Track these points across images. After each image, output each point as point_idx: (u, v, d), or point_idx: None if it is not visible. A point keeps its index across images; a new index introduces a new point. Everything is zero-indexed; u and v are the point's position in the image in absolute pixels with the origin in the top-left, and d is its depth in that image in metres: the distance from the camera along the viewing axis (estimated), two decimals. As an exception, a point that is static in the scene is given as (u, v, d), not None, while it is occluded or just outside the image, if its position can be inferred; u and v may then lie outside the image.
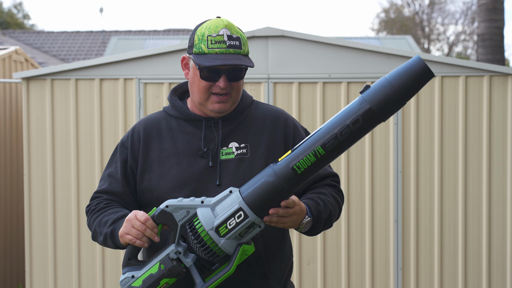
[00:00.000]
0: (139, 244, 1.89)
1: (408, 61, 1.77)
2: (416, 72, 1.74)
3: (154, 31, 16.87)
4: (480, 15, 9.40)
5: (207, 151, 2.04)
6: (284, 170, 1.80)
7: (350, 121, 1.76)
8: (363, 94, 1.77)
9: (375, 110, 1.75)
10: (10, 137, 6.22)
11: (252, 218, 1.81)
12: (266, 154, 2.06)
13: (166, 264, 1.85)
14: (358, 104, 1.77)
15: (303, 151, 1.79)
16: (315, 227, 2.02)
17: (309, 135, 1.84)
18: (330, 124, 1.79)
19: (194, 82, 2.05)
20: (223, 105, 2.04)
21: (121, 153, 2.13)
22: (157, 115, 2.16)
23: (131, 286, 1.87)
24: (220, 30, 2.00)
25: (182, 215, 1.86)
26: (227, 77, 2.01)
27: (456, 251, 4.85)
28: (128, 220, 1.90)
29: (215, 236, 1.81)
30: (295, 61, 4.80)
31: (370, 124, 1.77)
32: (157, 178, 2.05)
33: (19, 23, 27.05)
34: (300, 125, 2.19)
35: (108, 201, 2.10)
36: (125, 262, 1.91)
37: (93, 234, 2.08)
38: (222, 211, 1.83)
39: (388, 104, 1.75)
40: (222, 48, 1.98)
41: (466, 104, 4.85)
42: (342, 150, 1.80)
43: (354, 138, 1.79)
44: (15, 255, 6.24)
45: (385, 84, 1.75)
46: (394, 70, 1.77)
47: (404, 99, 1.76)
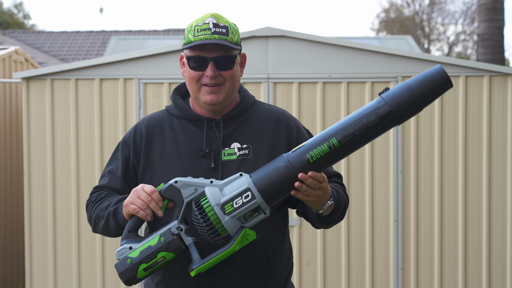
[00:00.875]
0: (142, 215, 1.88)
1: (430, 69, 1.82)
2: (438, 80, 1.80)
3: (154, 31, 16.87)
4: (480, 15, 9.40)
5: (209, 152, 2.04)
6: (297, 158, 1.83)
7: (366, 118, 1.81)
8: (383, 95, 1.82)
9: (393, 111, 1.79)
10: (10, 137, 6.22)
11: (259, 201, 1.81)
12: (268, 155, 2.05)
13: (166, 237, 1.85)
14: (376, 103, 1.82)
15: (318, 142, 1.83)
16: (332, 215, 2.02)
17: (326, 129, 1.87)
18: (347, 119, 1.83)
19: (186, 76, 2.06)
20: (214, 96, 2.02)
21: (122, 150, 2.13)
22: (159, 114, 2.16)
23: (127, 256, 1.85)
24: (206, 19, 2.01)
25: (189, 192, 1.86)
26: (215, 65, 2.00)
27: (456, 251, 4.85)
28: (135, 190, 1.91)
29: (220, 212, 1.81)
30: (295, 61, 4.80)
31: (386, 125, 1.82)
32: (159, 177, 2.04)
33: (19, 23, 27.05)
34: (302, 126, 2.18)
35: (108, 191, 2.11)
36: (125, 234, 1.90)
37: (94, 220, 2.07)
38: (230, 191, 1.83)
39: (407, 108, 1.80)
40: (206, 34, 1.98)
41: (466, 104, 4.85)
42: (356, 146, 1.83)
43: (369, 136, 1.82)
44: (15, 255, 6.24)
45: (406, 88, 1.80)
46: (415, 76, 1.82)
47: (422, 105, 1.82)
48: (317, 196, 1.89)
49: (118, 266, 1.86)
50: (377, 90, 4.82)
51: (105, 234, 2.08)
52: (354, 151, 1.84)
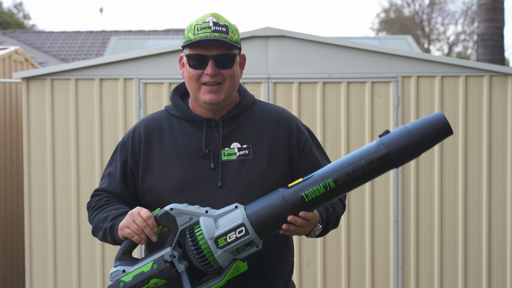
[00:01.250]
0: (136, 240, 1.89)
1: (431, 115, 1.83)
2: (437, 127, 1.80)
3: (154, 31, 16.86)
4: (480, 15, 9.40)
5: (208, 152, 2.03)
6: (292, 196, 1.84)
7: (365, 161, 1.81)
8: (382, 138, 1.83)
9: (391, 155, 1.80)
10: (10, 137, 6.22)
11: (252, 236, 1.83)
12: (268, 155, 2.05)
13: (159, 264, 1.86)
14: (375, 146, 1.82)
15: (314, 181, 1.84)
16: (322, 233, 2.06)
17: (323, 168, 1.87)
18: (345, 160, 1.84)
19: (186, 75, 2.05)
20: (214, 96, 2.01)
21: (121, 153, 2.12)
22: (158, 115, 2.15)
23: (120, 279, 1.87)
24: (206, 18, 2.01)
25: (184, 220, 1.88)
26: (215, 63, 1.99)
27: (456, 251, 4.85)
28: (131, 214, 1.91)
29: (213, 246, 1.83)
30: (295, 61, 4.80)
31: (383, 168, 1.83)
32: (159, 179, 2.04)
33: (19, 23, 27.04)
34: (303, 125, 2.17)
35: (108, 198, 2.11)
36: (118, 256, 1.92)
37: (93, 229, 2.09)
38: (224, 224, 1.85)
39: (405, 152, 1.81)
40: (207, 32, 1.98)
41: (466, 104, 4.85)
42: (351, 187, 1.84)
43: (365, 178, 1.83)
44: (15, 255, 6.24)
45: (405, 133, 1.81)
46: (416, 121, 1.83)
47: (420, 150, 1.82)
48: (307, 230, 1.92)
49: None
50: (377, 90, 4.82)
51: (104, 242, 2.10)
52: (349, 191, 1.86)
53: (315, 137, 2.20)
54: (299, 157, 2.10)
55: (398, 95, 4.81)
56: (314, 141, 2.17)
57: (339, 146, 4.80)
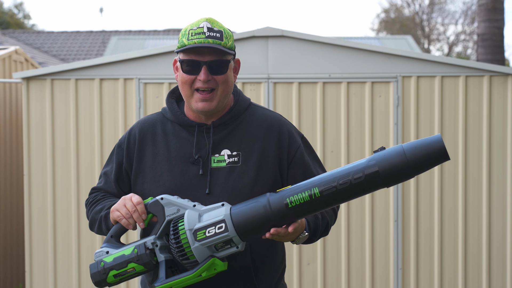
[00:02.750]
0: (124, 223, 1.92)
1: (428, 137, 1.76)
2: (433, 151, 1.73)
3: (154, 31, 16.86)
4: (480, 15, 9.40)
5: (198, 158, 2.02)
6: (277, 201, 1.82)
7: (352, 175, 1.76)
8: (375, 155, 1.77)
9: (381, 173, 1.74)
10: (10, 137, 6.22)
11: (231, 234, 1.82)
12: (257, 163, 2.03)
13: (139, 249, 1.88)
14: (366, 162, 1.77)
15: (300, 188, 1.80)
16: (310, 239, 2.04)
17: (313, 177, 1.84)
18: (334, 172, 1.80)
19: (179, 80, 2.05)
20: (206, 104, 2.01)
21: (117, 154, 2.14)
22: (154, 117, 2.15)
23: (102, 259, 1.90)
24: (201, 23, 2.00)
25: (172, 211, 1.90)
26: (209, 69, 1.98)
27: (456, 251, 4.85)
28: (124, 198, 1.94)
29: (191, 237, 1.83)
30: (295, 61, 4.80)
31: (372, 186, 1.76)
32: (149, 183, 2.05)
33: (19, 23, 27.04)
34: (296, 132, 2.14)
35: (104, 194, 2.14)
36: (107, 238, 1.95)
37: (90, 222, 2.13)
38: (207, 218, 1.85)
39: (395, 173, 1.74)
40: (200, 38, 1.97)
41: (466, 104, 4.85)
42: (337, 200, 1.78)
43: (352, 193, 1.78)
44: (15, 255, 6.24)
45: (399, 153, 1.74)
46: (412, 141, 1.76)
47: (413, 173, 1.74)
48: (292, 238, 1.91)
49: (92, 267, 1.92)
50: (377, 90, 4.82)
51: (101, 234, 2.12)
52: (335, 204, 1.81)
53: (309, 144, 2.17)
54: (289, 165, 2.08)
55: (398, 95, 4.81)
56: (307, 149, 2.15)
57: (339, 146, 4.80)
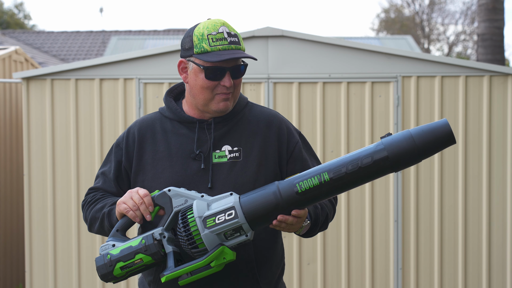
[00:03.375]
0: (131, 216, 1.91)
1: (435, 122, 1.79)
2: (440, 135, 1.77)
3: (154, 31, 16.86)
4: (480, 15, 9.40)
5: (199, 153, 2.04)
6: (286, 187, 1.83)
7: (361, 159, 1.79)
8: (383, 140, 1.80)
9: (390, 157, 1.77)
10: (10, 137, 6.22)
11: (241, 221, 1.82)
12: (258, 158, 2.05)
13: (147, 240, 1.87)
14: (374, 147, 1.80)
15: (310, 174, 1.82)
16: (311, 230, 2.05)
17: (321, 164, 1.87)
18: (344, 157, 1.82)
19: (196, 84, 2.03)
20: (227, 103, 2.04)
21: (115, 153, 2.14)
22: (152, 116, 2.17)
23: (108, 252, 1.89)
24: (219, 28, 2.01)
25: (179, 202, 1.90)
26: (231, 74, 2.01)
27: (456, 251, 4.85)
28: (130, 191, 1.94)
29: (200, 225, 1.82)
30: (295, 61, 4.80)
31: (381, 170, 1.80)
32: (150, 180, 2.05)
33: (19, 23, 27.04)
34: (294, 128, 2.18)
35: (103, 193, 2.14)
36: (112, 232, 1.94)
37: (89, 221, 2.11)
38: (216, 206, 1.85)
39: (404, 157, 1.77)
40: (224, 44, 1.99)
41: (466, 104, 4.85)
42: (347, 186, 1.81)
43: (361, 178, 1.80)
44: (15, 255, 6.24)
45: (407, 137, 1.77)
46: (420, 126, 1.79)
47: (421, 157, 1.78)
48: (297, 228, 1.91)
49: (98, 260, 1.90)
50: (377, 90, 4.82)
51: (100, 234, 2.11)
52: (345, 190, 1.83)
53: (306, 141, 2.21)
54: (288, 160, 2.11)
55: (398, 95, 4.81)
56: (305, 145, 2.18)
57: (339, 146, 4.80)
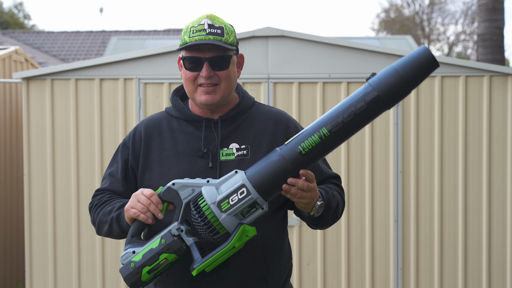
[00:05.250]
0: (143, 218, 1.90)
1: (415, 50, 1.80)
2: (423, 61, 1.78)
3: (154, 31, 16.86)
4: (480, 15, 9.40)
5: (207, 151, 2.05)
6: (289, 151, 1.83)
7: (355, 105, 1.80)
8: (370, 80, 1.81)
9: (381, 96, 1.78)
10: (10, 137, 6.22)
11: (255, 196, 1.82)
12: None
13: (167, 238, 1.86)
14: (363, 89, 1.81)
15: (308, 133, 1.83)
16: (324, 215, 2.02)
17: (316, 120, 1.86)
18: (336, 108, 1.83)
19: (183, 77, 2.08)
20: (210, 97, 2.03)
21: (122, 153, 2.15)
22: (159, 116, 2.18)
23: (131, 260, 1.88)
24: (201, 20, 2.03)
25: (187, 193, 1.89)
26: (210, 65, 2.01)
27: (456, 251, 4.85)
28: (135, 195, 1.93)
29: (216, 210, 1.82)
30: (295, 61, 4.80)
31: (375, 111, 1.80)
32: (157, 178, 2.05)
33: (19, 23, 27.04)
34: (300, 127, 2.19)
35: (110, 195, 2.13)
36: (128, 239, 1.93)
37: (98, 224, 2.10)
38: (226, 188, 1.85)
39: (395, 91, 1.78)
40: (201, 35, 2.00)
41: (466, 104, 4.85)
42: (347, 134, 1.82)
43: (359, 123, 1.81)
44: (15, 255, 6.24)
45: (392, 72, 1.78)
46: (401, 59, 1.80)
47: (410, 87, 1.79)
48: (309, 197, 1.89)
49: (123, 270, 1.89)
50: (377, 90, 4.82)
51: (109, 237, 2.11)
52: (345, 139, 1.84)
53: None
54: None
55: (398, 95, 4.80)
56: None
57: (339, 146, 4.80)
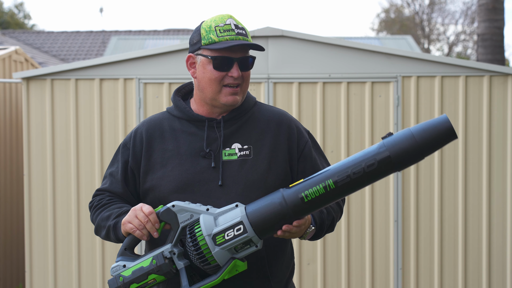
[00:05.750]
0: (138, 235, 1.91)
1: (435, 118, 1.79)
2: (441, 131, 1.77)
3: (154, 31, 16.86)
4: (480, 15, 9.40)
5: (209, 151, 2.04)
6: (292, 196, 1.83)
7: (365, 163, 1.79)
8: (385, 141, 1.80)
9: (393, 158, 1.78)
10: (10, 137, 6.22)
11: (251, 235, 1.83)
12: (269, 156, 2.06)
13: (158, 260, 1.87)
14: (377, 148, 1.80)
15: (314, 182, 1.82)
16: (316, 235, 2.06)
17: (324, 169, 1.87)
18: (346, 161, 1.82)
19: (204, 76, 2.04)
20: (236, 97, 2.04)
21: (122, 153, 2.14)
22: (160, 116, 2.17)
23: (120, 274, 1.89)
24: (226, 20, 2.04)
25: (185, 217, 1.89)
26: (239, 66, 2.02)
27: (456, 251, 4.85)
28: (134, 209, 1.93)
29: (210, 243, 1.83)
30: (295, 61, 4.80)
31: (384, 171, 1.80)
32: (160, 178, 2.05)
33: (19, 23, 27.03)
34: (303, 128, 2.19)
35: (110, 197, 2.13)
36: (121, 251, 1.94)
37: (96, 228, 2.11)
38: (223, 222, 1.85)
39: (407, 156, 1.78)
40: (232, 35, 2.01)
41: (466, 104, 4.85)
42: (352, 189, 1.82)
43: (366, 181, 1.81)
44: (15, 255, 6.24)
45: (408, 136, 1.78)
46: (419, 124, 1.79)
47: (423, 154, 1.78)
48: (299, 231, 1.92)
49: (111, 283, 1.90)
50: (377, 90, 4.82)
51: (108, 241, 2.11)
52: (350, 193, 1.83)
53: (315, 140, 2.22)
54: (298, 159, 2.11)
55: (398, 95, 4.81)
56: (314, 144, 2.19)
57: (339, 146, 4.80)
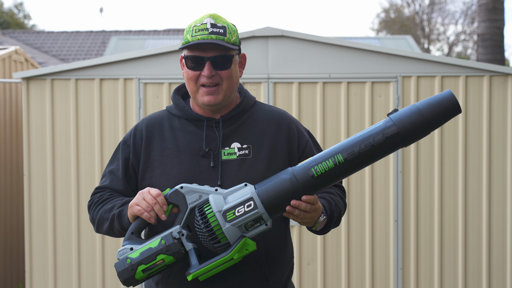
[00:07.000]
0: (146, 217, 1.90)
1: (440, 93, 1.83)
2: (446, 105, 1.81)
3: (154, 31, 16.86)
4: (480, 15, 9.40)
5: (208, 151, 2.04)
6: (301, 172, 1.84)
7: (373, 137, 1.81)
8: (391, 116, 1.83)
9: (401, 132, 1.80)
10: (10, 137, 6.22)
11: (261, 211, 1.82)
12: (268, 156, 2.06)
13: (167, 240, 1.86)
14: (383, 124, 1.83)
15: (324, 157, 1.84)
16: (326, 226, 2.05)
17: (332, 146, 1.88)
18: (355, 137, 1.85)
19: (185, 77, 2.07)
20: (212, 98, 2.03)
21: (123, 151, 2.14)
22: (160, 114, 2.17)
23: (127, 256, 1.87)
24: (204, 19, 2.03)
25: (194, 198, 1.89)
26: (212, 65, 2.01)
27: (456, 251, 4.85)
28: (141, 192, 1.93)
29: (221, 219, 1.82)
30: (295, 61, 4.80)
31: (392, 146, 1.82)
32: (159, 176, 2.05)
33: (19, 23, 27.04)
34: (303, 128, 2.19)
35: (111, 193, 2.12)
36: (127, 235, 1.92)
37: (97, 222, 2.09)
38: (233, 199, 1.85)
39: (414, 131, 1.81)
40: (204, 34, 2.00)
41: (466, 104, 4.85)
42: (361, 165, 1.84)
43: (374, 156, 1.83)
44: (15, 255, 6.24)
45: (414, 111, 1.81)
46: (425, 99, 1.83)
47: (430, 128, 1.82)
48: (311, 217, 1.91)
49: (118, 265, 1.88)
50: (377, 90, 4.82)
51: (109, 235, 2.10)
52: (359, 169, 1.85)
53: (315, 139, 2.22)
54: (299, 158, 2.11)
55: (398, 95, 4.81)
56: (315, 144, 2.19)
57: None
